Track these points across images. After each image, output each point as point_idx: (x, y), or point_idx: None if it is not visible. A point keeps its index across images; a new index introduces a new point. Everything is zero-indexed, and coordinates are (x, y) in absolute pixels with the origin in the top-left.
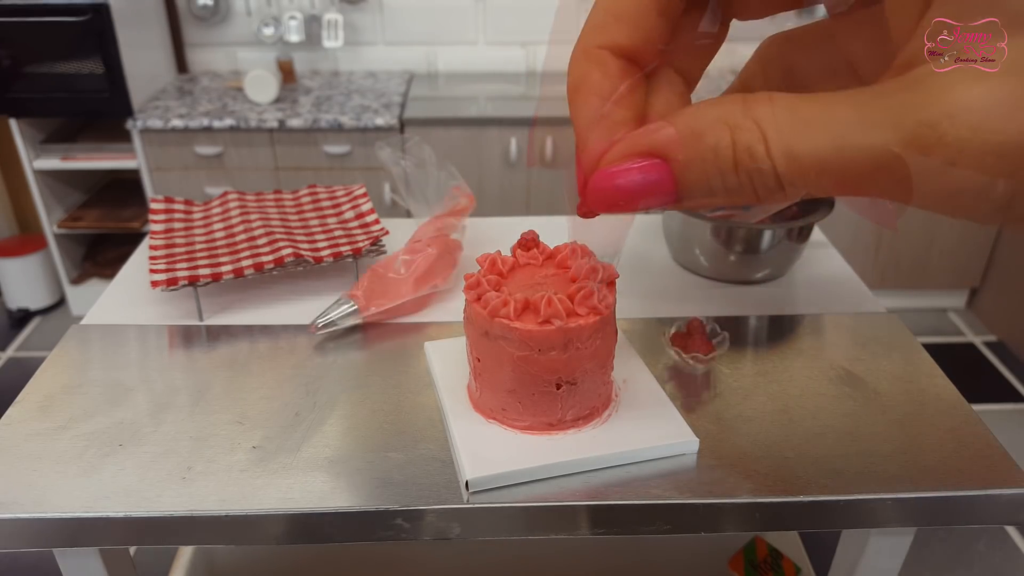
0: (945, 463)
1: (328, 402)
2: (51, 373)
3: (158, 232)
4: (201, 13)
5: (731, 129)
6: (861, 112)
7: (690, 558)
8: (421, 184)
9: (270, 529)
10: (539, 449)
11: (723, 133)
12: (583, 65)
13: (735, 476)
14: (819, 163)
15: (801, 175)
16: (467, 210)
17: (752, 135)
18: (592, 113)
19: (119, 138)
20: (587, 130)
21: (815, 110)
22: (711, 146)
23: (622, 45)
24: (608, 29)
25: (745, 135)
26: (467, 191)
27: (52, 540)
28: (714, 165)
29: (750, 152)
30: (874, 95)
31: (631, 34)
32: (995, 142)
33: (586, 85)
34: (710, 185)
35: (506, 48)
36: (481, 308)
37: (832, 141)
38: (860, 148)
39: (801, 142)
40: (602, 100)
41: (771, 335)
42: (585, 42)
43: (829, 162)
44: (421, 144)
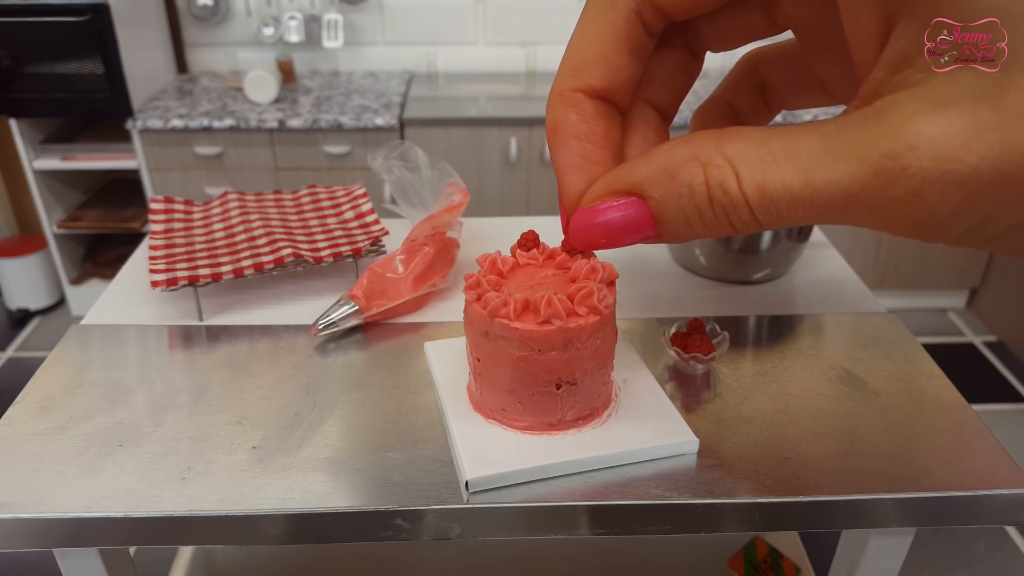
0: (945, 463)
1: (328, 402)
2: (51, 373)
3: (158, 232)
4: (201, 13)
5: (703, 166)
6: (827, 144)
7: (690, 558)
8: (417, 187)
9: (270, 529)
10: (539, 449)
11: (696, 170)
12: (559, 108)
13: (735, 476)
14: (790, 196)
15: (774, 208)
16: (461, 206)
17: (724, 171)
18: (571, 155)
19: (119, 138)
20: (567, 171)
21: (783, 144)
22: (686, 183)
23: (596, 87)
24: (581, 72)
25: (717, 172)
26: (461, 186)
27: (52, 540)
28: (690, 201)
29: (723, 188)
30: (839, 127)
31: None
32: (956, 171)
33: (563, 127)
34: (688, 221)
35: (506, 48)
36: (481, 308)
37: (800, 174)
38: (828, 180)
39: (771, 176)
40: (579, 141)
41: (771, 335)
42: (560, 85)
43: (799, 195)
44: (411, 147)
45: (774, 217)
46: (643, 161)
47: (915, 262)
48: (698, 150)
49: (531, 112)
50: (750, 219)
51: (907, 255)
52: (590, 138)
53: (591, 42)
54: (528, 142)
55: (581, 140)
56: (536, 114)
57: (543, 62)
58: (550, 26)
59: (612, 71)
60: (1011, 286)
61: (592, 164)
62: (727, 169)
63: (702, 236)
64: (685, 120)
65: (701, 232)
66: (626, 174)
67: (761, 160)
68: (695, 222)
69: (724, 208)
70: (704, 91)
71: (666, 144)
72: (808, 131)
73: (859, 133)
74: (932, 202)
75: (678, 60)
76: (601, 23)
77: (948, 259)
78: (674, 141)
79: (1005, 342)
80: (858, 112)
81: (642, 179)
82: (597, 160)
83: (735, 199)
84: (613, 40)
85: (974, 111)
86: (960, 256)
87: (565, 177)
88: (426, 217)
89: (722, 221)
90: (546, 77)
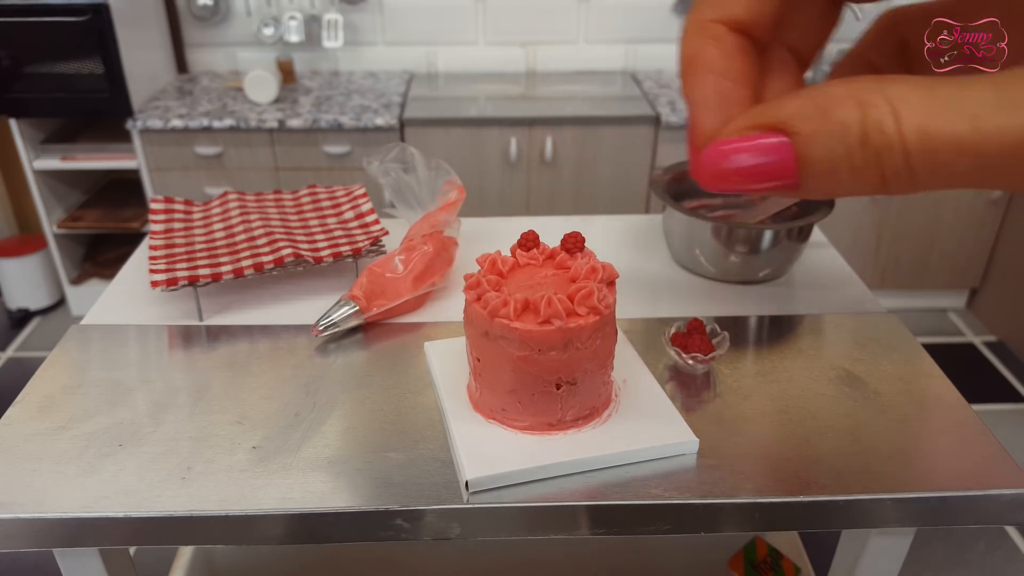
0: (945, 463)
1: (328, 402)
2: (51, 373)
3: (158, 232)
4: (201, 13)
5: (861, 105)
6: (1001, 94)
7: (690, 558)
8: (414, 188)
9: (270, 529)
10: (539, 449)
11: (852, 109)
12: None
13: (735, 476)
14: (955, 142)
15: (935, 155)
16: (458, 203)
17: (883, 111)
18: (707, 90)
19: (119, 138)
20: (702, 107)
21: (951, 89)
22: (839, 120)
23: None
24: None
25: (876, 111)
26: (457, 183)
27: (52, 540)
28: (841, 140)
29: (880, 128)
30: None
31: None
32: None
33: (700, 61)
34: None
35: (506, 48)
36: (481, 308)
37: (970, 120)
38: (1001, 128)
39: (936, 120)
40: (717, 77)
41: (771, 335)
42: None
43: (966, 141)
44: (405, 148)
45: (933, 164)
46: (794, 96)
47: (915, 262)
48: (856, 89)
49: (531, 112)
50: (904, 166)
51: (907, 255)
52: (729, 74)
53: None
54: (528, 142)
55: (720, 76)
56: (536, 114)
57: (543, 62)
58: (550, 26)
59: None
60: (1011, 286)
61: (730, 102)
62: (887, 109)
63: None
64: None
65: (846, 181)
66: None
67: (924, 103)
68: (842, 168)
69: (878, 151)
70: None
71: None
72: (979, 80)
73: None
74: None
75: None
76: None
77: (948, 259)
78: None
79: (1005, 342)
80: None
81: (792, 113)
82: (736, 99)
83: (892, 141)
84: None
85: None
86: (960, 256)
87: (700, 113)
88: (423, 216)
89: (872, 167)
90: (546, 77)
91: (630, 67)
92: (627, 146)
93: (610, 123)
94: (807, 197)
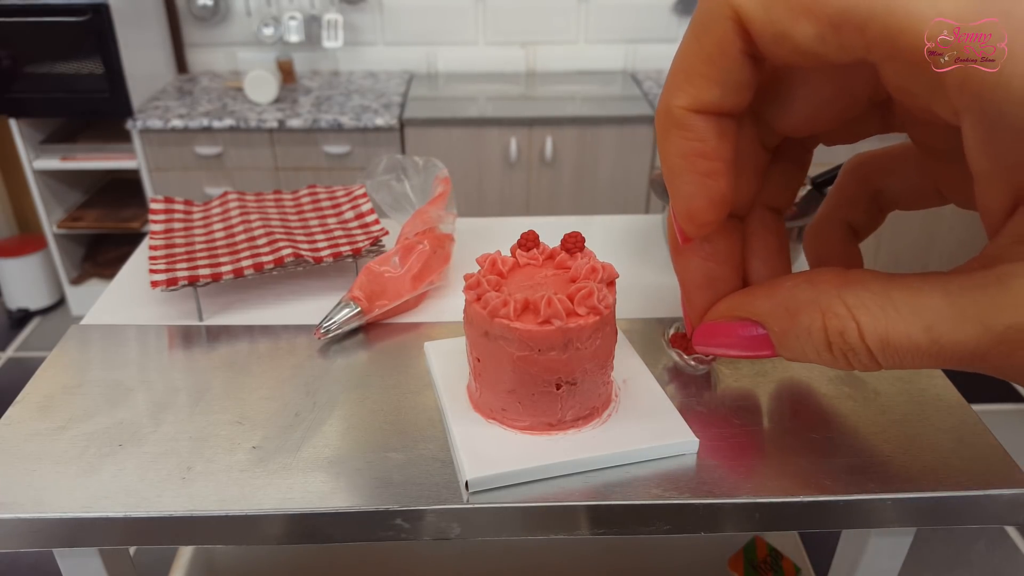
0: (945, 463)
1: (328, 402)
2: (51, 373)
3: (158, 232)
4: (201, 13)
5: (823, 313)
6: (951, 303)
7: (690, 558)
8: (410, 195)
9: (270, 529)
10: (539, 449)
11: (815, 316)
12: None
13: (735, 476)
14: (915, 349)
15: (897, 357)
16: (445, 195)
17: (844, 321)
18: (696, 274)
19: (119, 138)
20: (692, 287)
21: (906, 297)
22: (804, 326)
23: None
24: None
25: (836, 321)
26: (443, 175)
27: (52, 540)
28: (807, 342)
29: (843, 336)
30: (962, 288)
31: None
32: None
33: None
34: (806, 356)
35: (506, 48)
36: (481, 308)
37: (925, 331)
38: (954, 341)
39: (895, 329)
40: (703, 261)
41: None
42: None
43: (925, 349)
44: (392, 158)
45: (897, 362)
46: (767, 293)
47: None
48: (819, 294)
49: (531, 112)
50: (870, 363)
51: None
52: (713, 256)
53: None
54: (528, 142)
55: (705, 259)
56: (536, 114)
57: (543, 62)
58: (550, 26)
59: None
60: None
61: (716, 281)
62: (848, 319)
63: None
64: None
65: (818, 363)
66: (749, 303)
67: (883, 311)
68: (813, 358)
69: (843, 352)
70: None
71: (790, 280)
72: (930, 285)
73: (983, 299)
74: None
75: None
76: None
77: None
78: (797, 277)
79: None
80: (980, 274)
81: (764, 312)
82: (720, 277)
83: (855, 346)
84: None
85: None
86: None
87: (691, 293)
88: (414, 213)
89: (840, 362)
90: (546, 77)
91: (630, 67)
92: (627, 146)
93: (610, 123)
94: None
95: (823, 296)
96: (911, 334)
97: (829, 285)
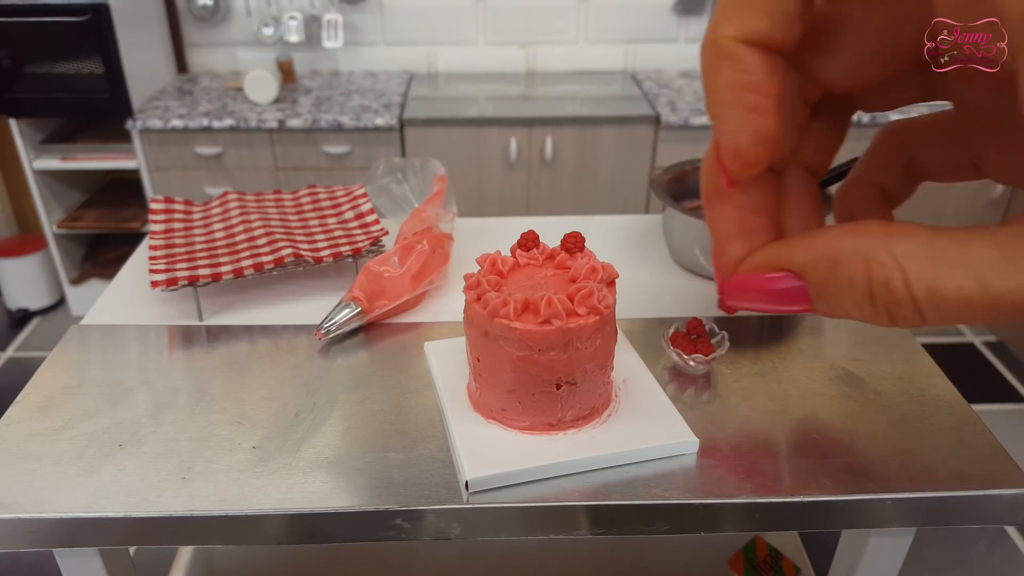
0: (945, 463)
1: (328, 402)
2: (51, 373)
3: (158, 232)
4: (201, 13)
5: (867, 262)
6: (1003, 253)
7: (690, 558)
8: (410, 198)
9: (270, 529)
10: (539, 449)
11: (859, 265)
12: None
13: (735, 476)
14: (964, 299)
15: (946, 308)
16: (441, 193)
17: (889, 271)
18: (729, 223)
19: (119, 138)
20: (726, 239)
21: (955, 247)
22: (846, 276)
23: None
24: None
25: (881, 270)
26: (440, 174)
27: (52, 540)
28: (848, 293)
29: (888, 287)
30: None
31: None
32: None
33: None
34: (844, 309)
35: (506, 48)
36: (481, 308)
37: (976, 280)
38: (1007, 288)
39: (944, 280)
40: (738, 210)
41: (771, 335)
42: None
43: (975, 299)
44: (390, 160)
45: (943, 315)
46: (807, 243)
47: None
48: (864, 245)
49: (531, 112)
50: (915, 316)
51: None
52: (749, 206)
53: None
54: (528, 142)
55: (741, 209)
56: (536, 114)
57: (543, 62)
58: (550, 26)
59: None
60: None
61: (751, 232)
62: (894, 269)
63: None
64: None
65: (857, 318)
66: (787, 252)
67: (932, 262)
68: (851, 311)
69: (887, 305)
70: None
71: (831, 230)
72: (980, 236)
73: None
74: None
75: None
76: None
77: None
78: (840, 229)
79: (1005, 342)
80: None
81: (803, 261)
82: (756, 228)
83: (900, 297)
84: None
85: None
86: None
87: (724, 245)
88: (412, 213)
89: (881, 315)
90: (546, 77)
91: (630, 67)
92: (627, 146)
93: (610, 123)
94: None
95: (868, 245)
96: (961, 284)
97: (874, 235)
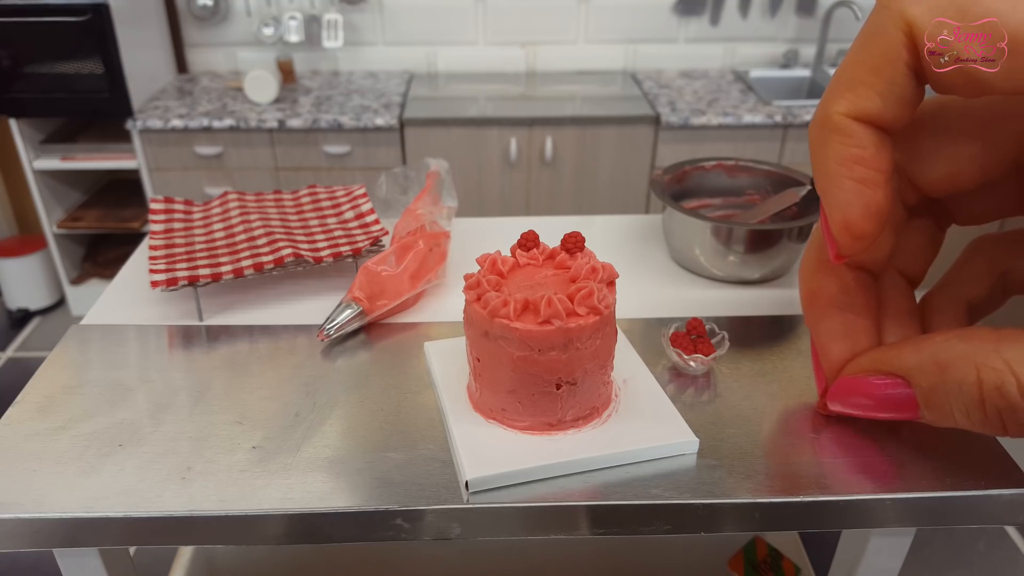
0: (945, 463)
1: (328, 402)
2: (51, 373)
3: (158, 232)
4: (201, 13)
5: (978, 367)
6: None
7: (690, 558)
8: None
9: (270, 529)
10: (539, 449)
11: (969, 370)
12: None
13: (735, 476)
14: None
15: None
16: (429, 188)
17: (1002, 375)
18: (834, 324)
19: (119, 138)
20: (830, 340)
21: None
22: (956, 380)
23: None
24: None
25: (993, 375)
26: (431, 169)
27: (52, 540)
28: (957, 399)
29: (999, 391)
30: None
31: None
32: None
33: (824, 296)
34: (954, 416)
35: (506, 48)
36: (481, 308)
37: None
38: None
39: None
40: (841, 311)
41: (771, 335)
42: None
43: None
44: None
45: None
46: (914, 348)
47: None
48: (974, 349)
49: (531, 112)
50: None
51: None
52: (852, 308)
53: None
54: (528, 142)
55: (843, 310)
56: (536, 114)
57: (543, 62)
58: (550, 26)
59: (876, 244)
60: None
61: (854, 333)
62: (1006, 373)
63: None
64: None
65: (965, 426)
66: (895, 356)
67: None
68: (960, 418)
69: (998, 410)
70: (704, 90)
71: (939, 335)
72: None
73: None
74: None
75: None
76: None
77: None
78: (947, 333)
79: None
80: None
81: (912, 367)
82: (860, 329)
83: (1014, 402)
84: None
85: None
86: None
87: (828, 344)
88: (404, 212)
89: (992, 421)
90: (546, 77)
91: (630, 67)
92: (627, 146)
93: (610, 123)
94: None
95: (978, 351)
96: None
97: (983, 340)
